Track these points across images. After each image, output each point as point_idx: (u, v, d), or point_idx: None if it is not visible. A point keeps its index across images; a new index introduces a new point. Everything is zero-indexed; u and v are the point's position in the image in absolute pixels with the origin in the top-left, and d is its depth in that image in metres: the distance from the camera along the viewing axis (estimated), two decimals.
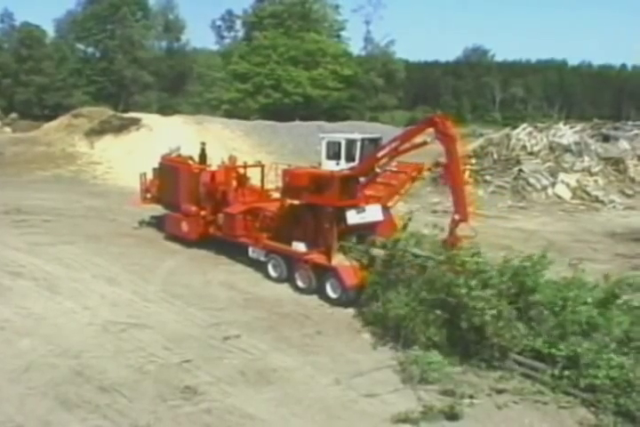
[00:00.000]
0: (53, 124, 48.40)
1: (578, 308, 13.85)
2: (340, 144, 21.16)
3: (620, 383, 12.01)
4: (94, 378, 12.98)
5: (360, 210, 18.29)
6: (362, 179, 18.82)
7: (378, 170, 18.49)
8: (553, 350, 13.03)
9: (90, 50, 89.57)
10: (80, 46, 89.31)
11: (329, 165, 20.44)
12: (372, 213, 18.50)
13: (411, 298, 14.95)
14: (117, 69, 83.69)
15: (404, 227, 18.77)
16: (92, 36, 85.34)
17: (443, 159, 38.26)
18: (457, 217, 16.72)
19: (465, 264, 14.73)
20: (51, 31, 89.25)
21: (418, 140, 17.29)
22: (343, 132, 26.32)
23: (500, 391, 12.68)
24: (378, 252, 17.07)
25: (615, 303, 14.48)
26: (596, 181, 36.43)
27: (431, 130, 16.68)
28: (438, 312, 14.25)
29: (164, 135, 39.72)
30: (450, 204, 18.03)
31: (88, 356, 14.01)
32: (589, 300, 14.17)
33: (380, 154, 17.99)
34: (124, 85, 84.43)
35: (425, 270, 15.42)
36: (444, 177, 17.57)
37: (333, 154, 21.69)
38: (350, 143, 21.13)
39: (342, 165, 20.45)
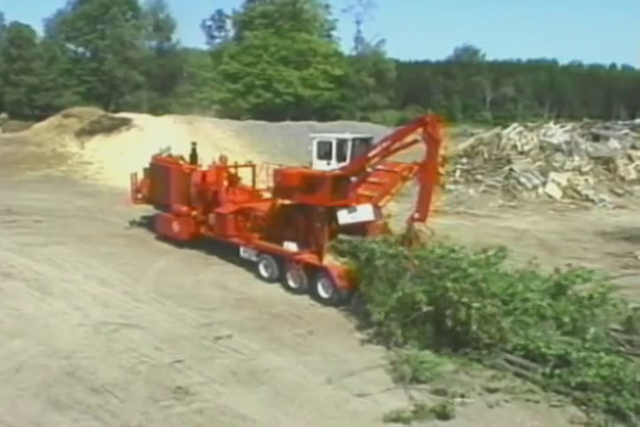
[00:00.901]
0: (44, 124, 48.28)
1: (526, 297, 14.20)
2: (331, 144, 21.23)
3: (610, 382, 12.06)
4: (86, 379, 12.95)
5: (351, 210, 18.28)
6: (353, 178, 18.83)
7: (369, 169, 18.51)
8: (544, 349, 13.09)
9: (80, 50, 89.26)
10: (70, 46, 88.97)
11: (320, 165, 20.46)
12: (364, 212, 18.49)
13: (394, 296, 14.92)
14: (108, 69, 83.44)
15: (385, 227, 18.84)
16: (82, 35, 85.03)
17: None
18: (416, 215, 16.97)
19: (410, 259, 15.17)
20: (40, 31, 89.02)
21: (408, 139, 17.35)
22: (334, 132, 26.33)
23: (491, 390, 12.69)
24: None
25: (565, 294, 14.82)
26: (586, 181, 36.54)
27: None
28: (424, 308, 14.26)
29: (154, 135, 39.65)
30: (440, 203, 18.16)
31: (79, 356, 13.97)
32: (537, 290, 14.61)
33: (371, 153, 18.00)
34: (115, 85, 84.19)
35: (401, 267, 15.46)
36: (417, 175, 17.79)
37: (324, 154, 21.75)
38: (341, 143, 21.20)
39: (333, 165, 20.47)
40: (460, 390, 12.52)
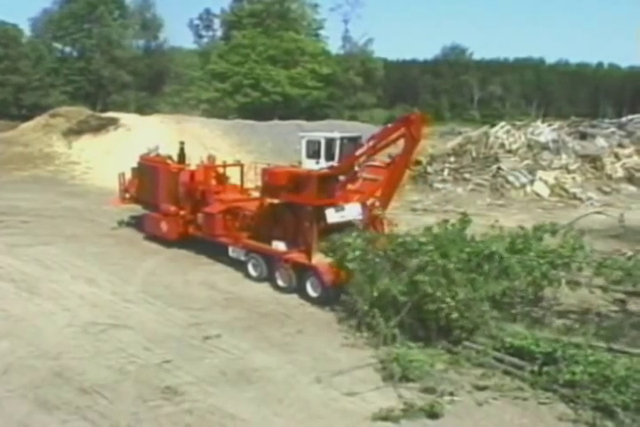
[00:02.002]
0: (30, 124, 47.95)
1: (491, 254, 14.98)
2: (319, 143, 21.14)
3: (597, 379, 12.12)
4: (74, 379, 12.91)
5: (339, 208, 18.30)
6: (342, 177, 18.86)
7: (357, 168, 18.59)
8: (532, 347, 13.16)
9: (67, 49, 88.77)
10: (57, 45, 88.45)
11: (309, 164, 20.45)
12: (352, 211, 18.51)
13: (374, 290, 15.27)
14: (95, 69, 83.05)
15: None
16: (69, 35, 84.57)
17: (421, 157, 38.61)
18: (377, 204, 17.96)
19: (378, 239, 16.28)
20: (27, 30, 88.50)
21: (394, 137, 17.71)
22: (323, 131, 26.30)
23: (480, 388, 12.74)
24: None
25: (534, 250, 15.52)
26: (573, 179, 36.70)
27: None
28: (402, 299, 14.61)
29: (142, 135, 39.50)
30: (429, 202, 18.50)
31: (67, 357, 13.93)
32: (501, 247, 15.38)
33: (358, 152, 18.09)
34: (102, 85, 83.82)
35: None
36: (389, 166, 18.21)
37: (313, 153, 21.66)
38: (330, 142, 21.12)
39: (322, 164, 20.47)
40: (449, 389, 12.57)
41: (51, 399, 12.11)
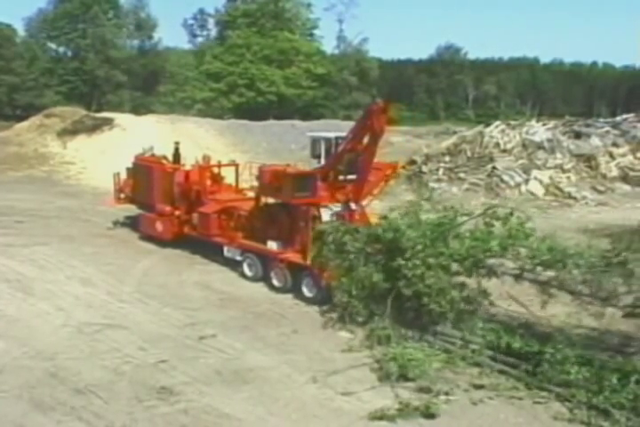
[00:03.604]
0: (25, 124, 47.85)
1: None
2: (320, 143, 21.09)
3: (590, 379, 12.14)
4: (69, 380, 12.90)
5: (336, 208, 18.40)
6: (341, 177, 18.91)
7: (340, 167, 18.65)
8: (526, 348, 13.20)
9: (61, 49, 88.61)
10: (51, 45, 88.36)
11: (314, 164, 20.46)
12: (347, 210, 18.52)
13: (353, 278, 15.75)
14: (89, 69, 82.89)
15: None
16: (63, 35, 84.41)
17: (417, 157, 38.69)
18: (350, 196, 18.09)
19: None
20: (21, 30, 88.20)
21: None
22: (319, 130, 26.29)
23: (476, 387, 12.77)
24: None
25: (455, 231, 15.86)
26: (568, 178, 36.72)
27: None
28: (382, 284, 15.08)
29: (137, 135, 39.45)
30: (423, 201, 18.56)
31: (62, 357, 13.91)
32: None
33: (339, 149, 18.35)
34: (97, 85, 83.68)
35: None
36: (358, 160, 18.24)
37: (318, 152, 21.56)
38: (328, 141, 21.08)
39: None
40: (445, 388, 12.58)
41: (46, 400, 12.10)
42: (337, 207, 18.47)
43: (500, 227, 15.46)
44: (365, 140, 17.65)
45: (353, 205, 18.23)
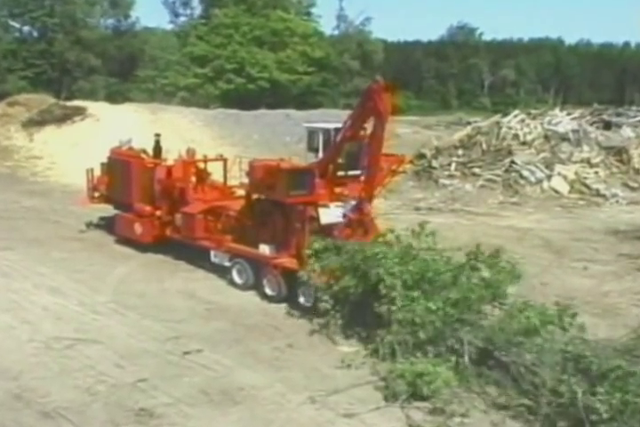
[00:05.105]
0: None
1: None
2: (317, 134, 21.07)
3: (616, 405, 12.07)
4: (36, 402, 12.88)
5: (335, 208, 18.40)
6: (342, 172, 18.94)
7: (340, 160, 18.68)
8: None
9: (26, 29, 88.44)
10: (14, 24, 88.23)
11: (311, 158, 20.46)
12: (349, 210, 18.56)
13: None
14: (58, 51, 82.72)
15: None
16: (27, 12, 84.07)
17: (426, 150, 38.77)
18: (362, 194, 17.95)
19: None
20: None
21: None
22: (317, 121, 26.36)
23: (497, 408, 12.75)
24: None
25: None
26: (596, 173, 36.77)
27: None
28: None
29: (113, 126, 39.48)
30: (434, 200, 18.48)
31: (28, 377, 13.90)
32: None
33: (338, 138, 18.39)
34: (67, 69, 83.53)
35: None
36: (365, 151, 18.40)
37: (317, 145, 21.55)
38: (327, 133, 21.07)
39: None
40: (460, 409, 12.57)
41: (8, 425, 12.07)
42: (336, 207, 18.45)
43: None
44: (370, 125, 17.68)
45: (364, 205, 18.17)
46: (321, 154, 19.71)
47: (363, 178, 18.41)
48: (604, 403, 11.75)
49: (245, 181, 19.91)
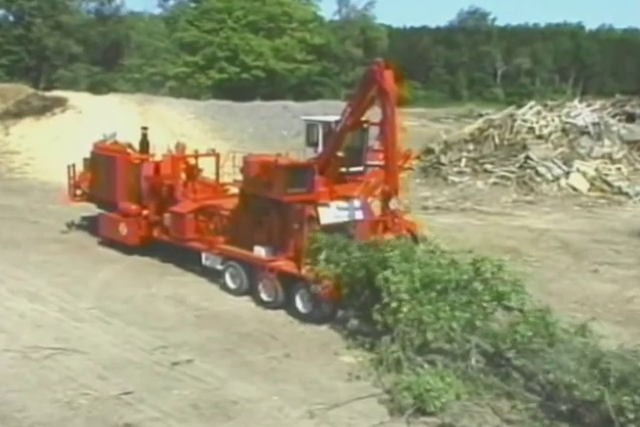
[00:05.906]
0: None
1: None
2: (317, 128, 21.08)
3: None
4: (11, 417, 12.83)
5: (337, 207, 18.43)
6: (344, 169, 18.96)
7: (340, 154, 18.71)
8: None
9: (1, 12, 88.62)
10: None
11: (310, 153, 20.50)
12: (352, 210, 18.58)
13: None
14: (36, 37, 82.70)
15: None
16: None
17: (434, 145, 38.79)
18: (386, 188, 17.89)
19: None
20: None
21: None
22: (316, 113, 26.44)
23: (509, 424, 12.76)
24: None
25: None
26: (618, 170, 36.81)
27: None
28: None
29: (96, 118, 39.52)
30: (443, 198, 18.45)
31: (4, 389, 13.86)
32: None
33: (338, 128, 18.48)
34: (46, 57, 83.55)
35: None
36: (378, 138, 18.58)
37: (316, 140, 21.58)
38: (327, 127, 21.09)
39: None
40: (471, 425, 12.56)
41: None
42: (337, 206, 18.45)
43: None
44: (372, 119, 17.73)
45: (393, 203, 17.87)
46: (320, 149, 19.73)
47: (384, 166, 18.30)
48: (629, 404, 11.83)
49: (239, 177, 19.92)
